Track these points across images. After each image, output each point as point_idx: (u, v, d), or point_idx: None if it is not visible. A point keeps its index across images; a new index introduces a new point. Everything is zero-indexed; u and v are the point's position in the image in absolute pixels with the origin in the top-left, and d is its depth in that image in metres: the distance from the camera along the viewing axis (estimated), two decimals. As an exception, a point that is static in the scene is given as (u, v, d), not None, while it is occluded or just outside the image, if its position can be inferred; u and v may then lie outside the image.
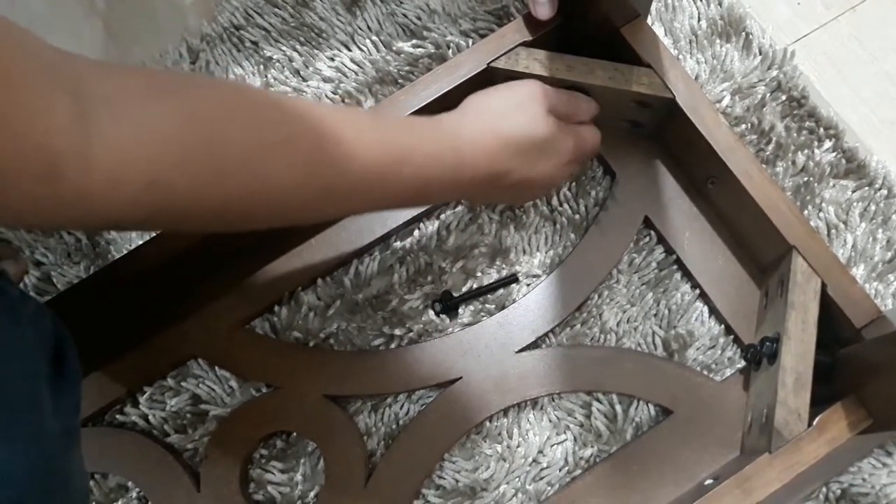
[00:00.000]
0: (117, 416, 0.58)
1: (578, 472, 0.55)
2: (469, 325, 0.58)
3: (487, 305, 0.58)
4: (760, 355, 0.51)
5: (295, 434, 0.57)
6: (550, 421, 0.56)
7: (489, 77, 0.56)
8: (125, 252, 0.56)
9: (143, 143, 0.31)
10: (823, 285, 0.50)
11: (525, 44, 0.55)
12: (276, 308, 0.58)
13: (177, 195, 0.33)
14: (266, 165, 0.36)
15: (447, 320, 0.58)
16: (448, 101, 0.56)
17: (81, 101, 0.30)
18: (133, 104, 0.32)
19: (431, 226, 0.60)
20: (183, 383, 0.58)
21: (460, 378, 0.55)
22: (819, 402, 0.49)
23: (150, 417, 0.57)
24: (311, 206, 0.39)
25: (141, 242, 0.54)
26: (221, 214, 0.36)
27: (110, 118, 0.30)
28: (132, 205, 0.32)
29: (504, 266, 0.60)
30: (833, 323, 0.51)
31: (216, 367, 0.58)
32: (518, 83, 0.51)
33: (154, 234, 0.55)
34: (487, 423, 0.56)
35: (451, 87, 0.55)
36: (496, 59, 0.55)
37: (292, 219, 0.40)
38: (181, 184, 0.33)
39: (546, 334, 0.57)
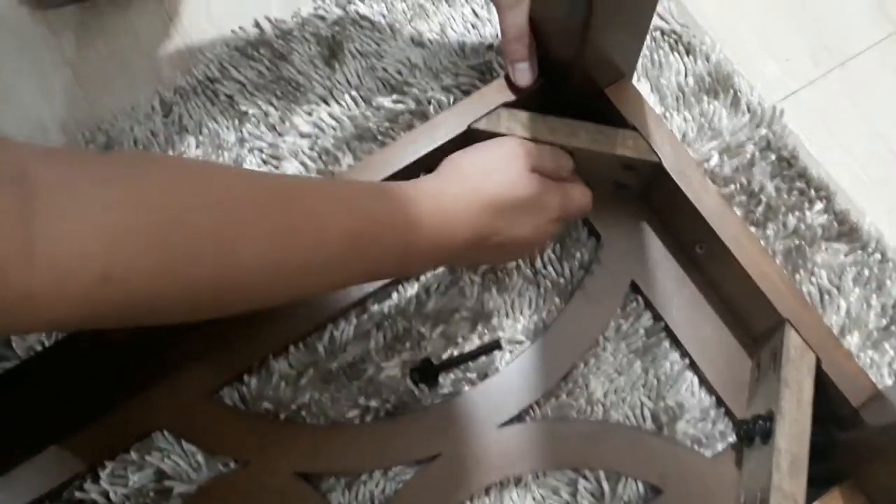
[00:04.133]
0: (76, 493, 0.54)
1: (564, 554, 0.52)
2: (449, 395, 0.55)
3: (469, 374, 0.56)
4: (753, 434, 0.49)
5: (264, 513, 0.53)
6: (534, 500, 0.53)
7: (470, 139, 0.54)
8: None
9: (93, 234, 0.29)
10: (818, 361, 0.48)
11: (507, 104, 0.53)
12: (246, 377, 0.56)
13: (135, 288, 0.30)
14: (234, 247, 0.33)
15: (426, 390, 0.55)
16: (427, 163, 0.54)
17: (25, 194, 0.27)
18: (82, 192, 0.29)
19: (411, 288, 0.58)
20: (147, 457, 0.54)
21: (439, 454, 0.53)
22: (815, 481, 0.46)
23: (112, 495, 0.54)
24: (286, 285, 0.37)
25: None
26: (187, 305, 0.33)
27: (56, 209, 0.28)
28: (84, 303, 0.29)
29: (486, 331, 0.57)
30: (828, 400, 0.49)
31: (182, 441, 0.55)
32: (497, 141, 0.50)
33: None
34: (468, 503, 0.53)
35: (430, 150, 0.53)
36: (477, 120, 0.53)
37: (267, 300, 0.37)
38: (139, 276, 0.30)
39: (530, 406, 0.54)
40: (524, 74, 0.52)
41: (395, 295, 0.58)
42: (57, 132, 0.66)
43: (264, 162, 0.62)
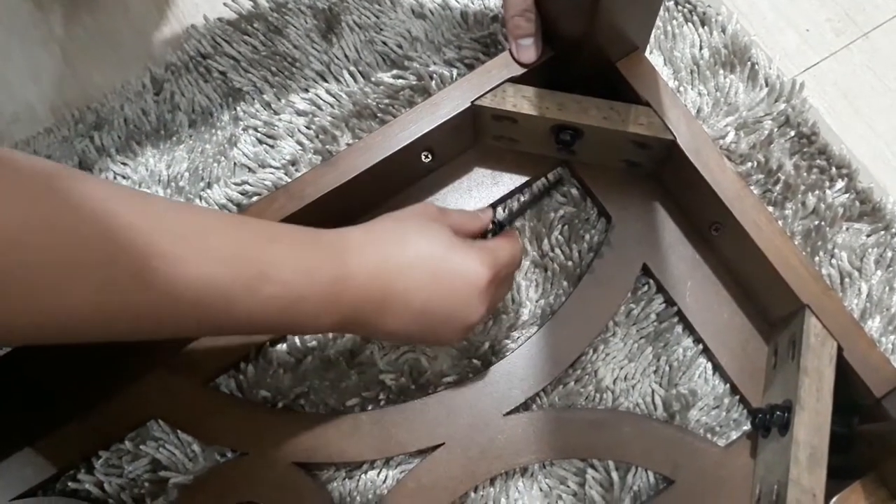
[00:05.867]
0: (69, 484, 0.53)
1: (572, 546, 0.50)
2: (453, 383, 0.53)
3: (473, 361, 0.54)
4: (770, 424, 0.46)
5: (263, 504, 0.52)
6: (541, 490, 0.51)
7: (474, 116, 0.51)
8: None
9: None
10: (839, 349, 0.46)
11: (513, 80, 0.51)
12: (243, 365, 0.54)
13: None
14: (66, 290, 0.31)
15: None
16: (429, 143, 0.52)
17: None
18: None
19: (413, 272, 0.56)
20: (142, 447, 0.53)
21: (443, 444, 0.51)
22: (834, 474, 0.44)
23: (106, 485, 0.52)
24: (129, 331, 0.35)
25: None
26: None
27: None
28: None
29: (491, 318, 0.55)
30: (849, 389, 0.46)
31: (178, 430, 0.53)
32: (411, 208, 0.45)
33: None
34: (472, 494, 0.51)
35: (431, 128, 0.50)
36: (481, 96, 0.50)
37: (107, 338, 0.35)
38: None
39: (537, 393, 0.52)
40: (528, 51, 0.49)
41: (396, 279, 0.56)
42: (45, 112, 0.63)
43: (259, 141, 0.60)
